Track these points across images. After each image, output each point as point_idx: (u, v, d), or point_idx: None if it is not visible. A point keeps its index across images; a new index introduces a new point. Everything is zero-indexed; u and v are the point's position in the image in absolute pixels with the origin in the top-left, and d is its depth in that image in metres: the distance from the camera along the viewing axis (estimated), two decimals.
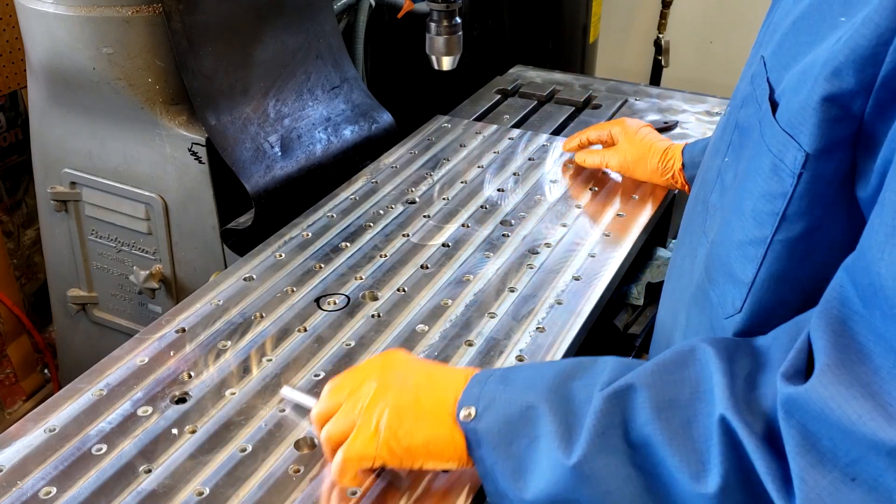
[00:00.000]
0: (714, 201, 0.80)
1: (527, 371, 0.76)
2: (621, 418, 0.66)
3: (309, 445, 0.85)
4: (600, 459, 0.66)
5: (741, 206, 0.71)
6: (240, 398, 0.91)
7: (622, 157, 1.37)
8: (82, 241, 1.50)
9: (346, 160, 1.54)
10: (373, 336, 1.02)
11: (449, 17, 1.33)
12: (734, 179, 0.75)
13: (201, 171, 1.34)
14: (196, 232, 1.39)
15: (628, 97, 1.78)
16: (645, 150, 1.34)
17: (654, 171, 1.33)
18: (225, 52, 1.34)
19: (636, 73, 3.22)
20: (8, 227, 1.93)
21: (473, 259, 1.18)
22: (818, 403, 0.56)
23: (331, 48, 1.56)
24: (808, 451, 0.57)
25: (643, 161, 1.34)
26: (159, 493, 0.79)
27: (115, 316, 1.55)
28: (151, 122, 1.34)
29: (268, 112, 1.42)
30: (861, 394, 0.54)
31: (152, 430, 0.87)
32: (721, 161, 0.79)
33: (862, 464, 0.54)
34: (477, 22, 2.22)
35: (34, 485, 0.80)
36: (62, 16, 1.28)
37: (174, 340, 1.00)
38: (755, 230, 0.68)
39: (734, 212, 0.72)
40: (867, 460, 0.54)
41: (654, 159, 1.33)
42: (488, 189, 1.38)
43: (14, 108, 1.87)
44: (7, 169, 1.89)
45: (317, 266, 1.16)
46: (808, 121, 0.61)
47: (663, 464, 0.64)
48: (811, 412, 0.56)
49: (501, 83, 1.87)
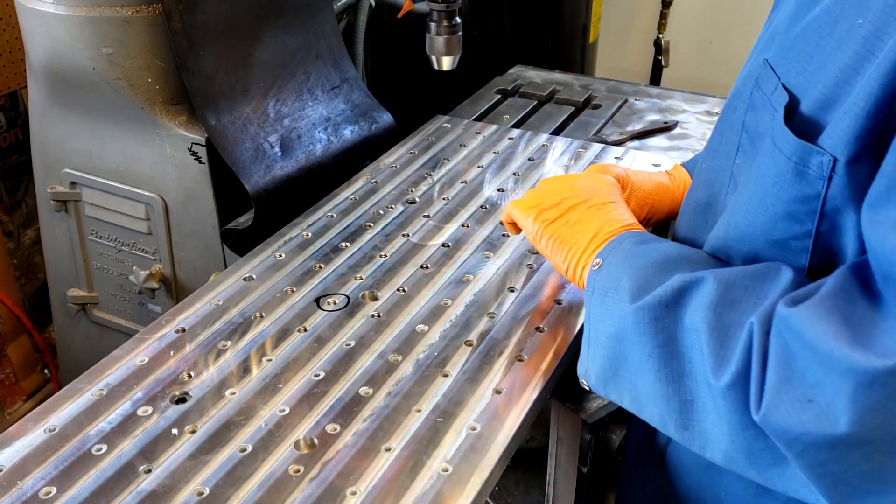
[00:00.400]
0: (724, 201, 0.81)
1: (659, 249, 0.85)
2: (685, 300, 0.73)
3: (309, 445, 0.85)
4: (651, 314, 0.75)
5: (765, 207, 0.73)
6: (240, 398, 0.91)
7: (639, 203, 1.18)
8: (82, 241, 1.50)
9: (346, 160, 1.54)
10: (373, 336, 1.02)
11: (449, 17, 1.33)
12: (747, 181, 0.76)
13: (201, 171, 1.34)
14: (196, 232, 1.39)
15: (628, 97, 1.78)
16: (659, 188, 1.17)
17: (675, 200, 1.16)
18: (225, 52, 1.34)
19: (636, 73, 3.22)
20: (8, 227, 1.93)
21: (473, 259, 1.18)
22: (801, 322, 0.61)
23: (331, 48, 1.56)
24: (782, 367, 0.62)
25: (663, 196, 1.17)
26: (159, 493, 0.79)
27: (115, 316, 1.55)
28: (151, 122, 1.34)
29: (268, 112, 1.42)
30: (839, 320, 0.59)
31: (152, 430, 0.86)
32: (732, 163, 0.80)
33: (821, 387, 0.59)
34: (477, 22, 2.22)
35: (34, 485, 0.80)
36: (62, 16, 1.28)
37: (174, 340, 1.00)
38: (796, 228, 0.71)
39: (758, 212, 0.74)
40: (826, 384, 0.58)
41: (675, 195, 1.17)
42: (488, 189, 1.38)
43: (14, 108, 1.87)
44: (7, 169, 1.89)
45: (317, 266, 1.16)
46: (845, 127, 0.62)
47: (696, 348, 0.71)
48: (793, 330, 0.62)
49: (501, 83, 1.87)
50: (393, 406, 0.90)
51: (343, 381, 0.94)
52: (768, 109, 0.71)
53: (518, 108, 1.74)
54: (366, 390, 0.92)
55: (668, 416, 0.76)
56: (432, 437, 0.86)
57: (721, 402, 0.69)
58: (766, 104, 0.72)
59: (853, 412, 0.57)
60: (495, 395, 0.91)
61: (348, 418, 0.88)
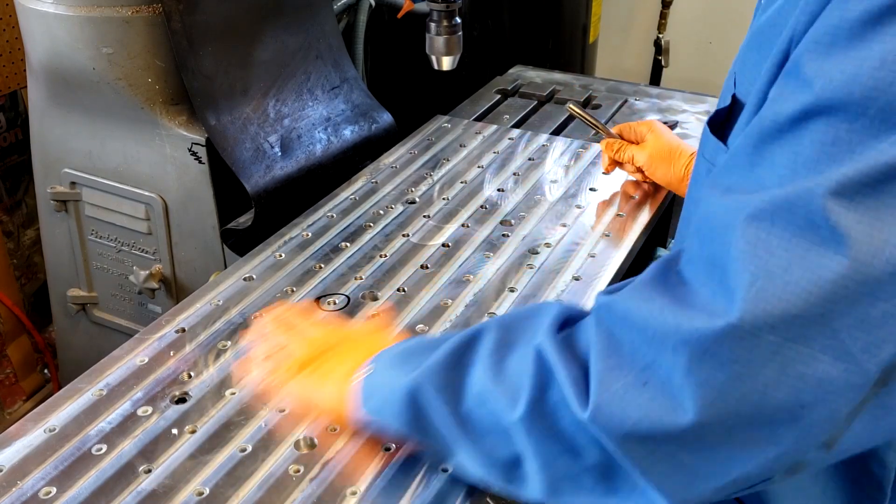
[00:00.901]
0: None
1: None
2: (466, 359, 0.71)
3: (309, 445, 0.85)
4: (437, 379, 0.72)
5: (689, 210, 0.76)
6: (240, 398, 0.91)
7: (648, 154, 1.31)
8: (82, 241, 1.50)
9: (346, 160, 1.54)
10: None
11: (449, 17, 1.33)
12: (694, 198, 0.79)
13: (201, 171, 1.34)
14: (196, 232, 1.39)
15: (628, 97, 1.78)
16: (672, 151, 1.29)
17: (677, 174, 1.28)
18: (225, 52, 1.34)
19: (636, 73, 3.22)
20: (8, 227, 1.93)
21: (473, 259, 1.18)
22: (625, 305, 0.59)
23: (331, 48, 1.56)
24: (609, 356, 0.59)
25: (667, 162, 1.29)
26: (159, 493, 0.79)
27: (115, 316, 1.55)
28: (151, 122, 1.34)
29: (268, 112, 1.42)
30: (662, 296, 0.57)
31: (152, 430, 0.86)
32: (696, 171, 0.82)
33: (654, 367, 0.56)
34: (477, 22, 2.22)
35: (34, 485, 0.80)
36: (62, 16, 1.28)
37: (174, 340, 1.00)
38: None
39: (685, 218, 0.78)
40: (659, 362, 0.55)
41: (679, 162, 1.28)
42: (488, 189, 1.38)
43: (14, 108, 1.87)
44: (7, 169, 1.89)
45: (317, 266, 1.16)
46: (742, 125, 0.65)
47: (488, 402, 0.68)
48: (618, 314, 0.60)
49: (501, 83, 1.87)
50: None
51: None
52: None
53: (518, 108, 1.74)
54: None
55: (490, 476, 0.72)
56: None
57: (525, 437, 0.65)
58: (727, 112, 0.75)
59: (692, 389, 0.54)
60: None
61: None
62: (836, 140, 0.50)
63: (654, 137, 1.32)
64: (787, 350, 0.51)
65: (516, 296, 1.09)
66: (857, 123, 0.50)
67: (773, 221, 0.52)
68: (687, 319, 0.54)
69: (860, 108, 0.50)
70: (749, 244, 0.52)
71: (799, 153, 0.52)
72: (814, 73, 0.52)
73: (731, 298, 0.52)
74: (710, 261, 0.56)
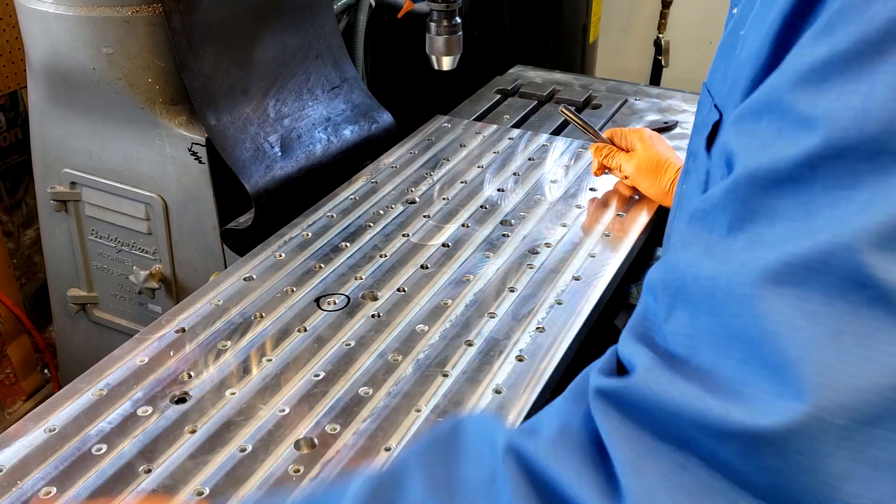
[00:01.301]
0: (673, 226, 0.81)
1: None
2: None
3: (309, 445, 0.85)
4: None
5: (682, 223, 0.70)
6: (240, 398, 0.91)
7: (635, 165, 1.31)
8: (82, 241, 1.50)
9: (346, 160, 1.54)
10: (373, 336, 1.02)
11: (449, 17, 1.33)
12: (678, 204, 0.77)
13: (201, 171, 1.34)
14: (196, 232, 1.39)
15: (628, 97, 1.78)
16: (660, 164, 1.29)
17: (662, 188, 1.28)
18: (225, 52, 1.34)
19: (636, 73, 3.22)
20: (8, 227, 1.93)
21: (473, 259, 1.18)
22: (640, 392, 0.49)
23: (331, 48, 1.56)
24: (632, 444, 0.49)
25: (653, 174, 1.29)
26: (159, 493, 0.79)
27: (115, 316, 1.55)
28: (151, 122, 1.34)
29: (268, 112, 1.42)
30: (683, 379, 0.48)
31: (152, 430, 0.86)
32: (680, 187, 0.81)
33: (691, 446, 0.47)
34: (477, 22, 2.22)
35: (34, 485, 0.80)
36: (62, 16, 1.28)
37: (174, 340, 1.00)
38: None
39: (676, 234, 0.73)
40: (697, 442, 0.47)
41: (665, 176, 1.27)
42: (488, 189, 1.38)
43: (14, 108, 1.87)
44: (7, 169, 1.89)
45: (317, 266, 1.16)
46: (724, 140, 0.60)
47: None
48: (632, 401, 0.50)
49: (501, 83, 1.87)
50: (393, 406, 0.90)
51: (343, 381, 0.94)
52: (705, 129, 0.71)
53: (518, 108, 1.74)
54: (366, 390, 0.92)
55: None
56: None
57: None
58: (703, 126, 0.72)
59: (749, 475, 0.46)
60: (495, 395, 0.92)
61: (348, 418, 0.88)
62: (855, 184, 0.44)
63: (644, 148, 1.32)
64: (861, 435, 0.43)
65: (516, 296, 1.09)
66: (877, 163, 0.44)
67: (805, 285, 0.44)
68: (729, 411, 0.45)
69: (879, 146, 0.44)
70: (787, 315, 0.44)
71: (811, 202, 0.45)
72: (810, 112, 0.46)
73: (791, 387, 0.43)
74: (731, 338, 0.46)
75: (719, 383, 0.46)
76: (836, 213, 0.44)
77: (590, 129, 1.41)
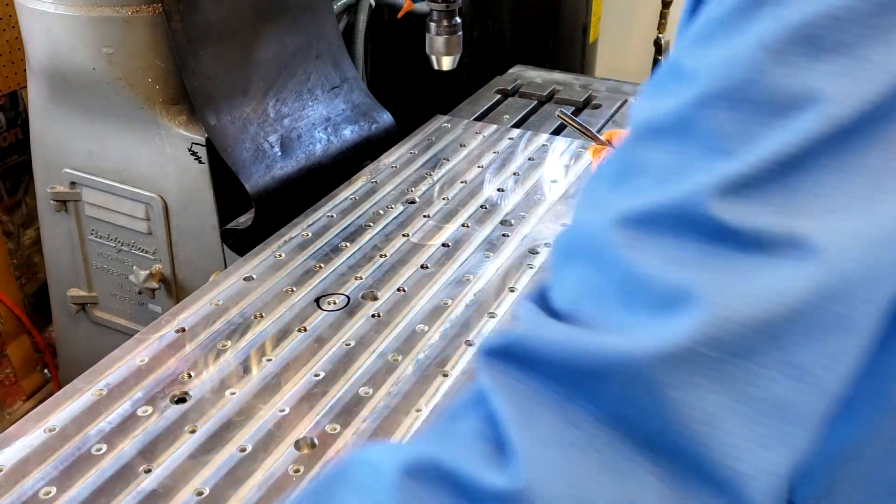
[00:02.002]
0: None
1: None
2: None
3: (309, 445, 0.85)
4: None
5: None
6: (240, 398, 0.91)
7: None
8: (82, 241, 1.50)
9: (346, 160, 1.54)
10: (373, 336, 1.02)
11: (449, 17, 1.33)
12: None
13: (201, 171, 1.34)
14: (196, 232, 1.39)
15: (628, 97, 1.78)
16: None
17: None
18: (225, 52, 1.34)
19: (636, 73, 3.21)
20: (8, 227, 1.93)
21: (473, 259, 1.18)
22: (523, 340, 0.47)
23: (331, 48, 1.56)
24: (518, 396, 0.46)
25: None
26: (159, 493, 0.79)
27: (115, 316, 1.54)
28: (151, 122, 1.34)
29: (268, 112, 1.42)
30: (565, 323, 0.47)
31: (152, 430, 0.86)
32: None
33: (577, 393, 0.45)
34: (477, 22, 2.22)
35: (34, 485, 0.79)
36: (62, 16, 1.28)
37: (174, 340, 1.00)
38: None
39: None
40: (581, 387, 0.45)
41: None
42: (488, 189, 1.38)
43: (14, 108, 1.87)
44: (7, 169, 1.89)
45: (317, 266, 1.16)
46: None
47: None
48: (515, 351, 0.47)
49: (501, 83, 1.87)
50: (393, 406, 0.90)
51: (343, 381, 0.94)
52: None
53: (518, 108, 1.74)
54: (366, 390, 0.92)
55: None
56: None
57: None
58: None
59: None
60: None
61: (348, 418, 0.88)
62: (720, 133, 0.44)
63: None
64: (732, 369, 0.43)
65: (516, 296, 1.09)
66: (738, 111, 0.44)
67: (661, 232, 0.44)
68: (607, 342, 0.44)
69: (743, 93, 0.44)
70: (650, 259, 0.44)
71: (682, 152, 0.46)
72: (692, 66, 0.46)
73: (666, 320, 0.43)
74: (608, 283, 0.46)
75: (600, 322, 0.46)
76: (699, 164, 0.44)
77: (588, 132, 1.41)
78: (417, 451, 0.47)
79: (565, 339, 0.45)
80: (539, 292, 0.50)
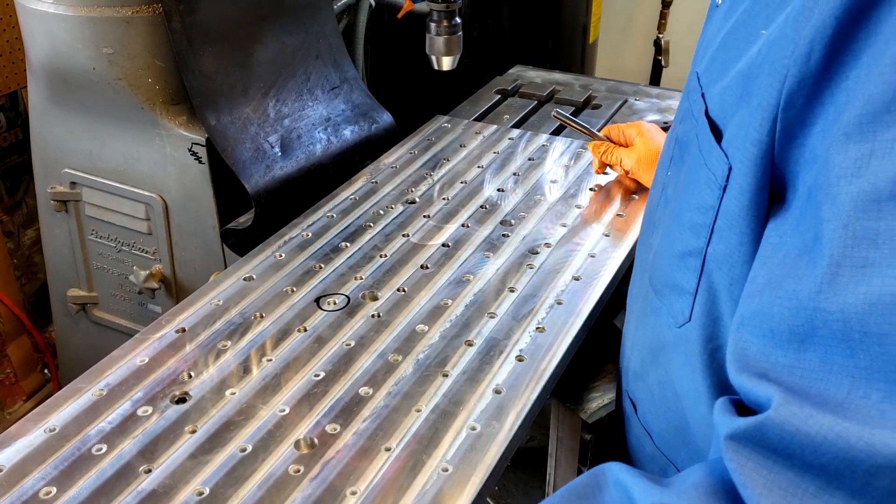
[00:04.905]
0: (659, 215, 0.80)
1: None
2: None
3: (309, 445, 0.85)
4: None
5: (680, 217, 0.70)
6: (240, 398, 0.91)
7: (636, 158, 1.33)
8: (82, 241, 1.50)
9: (346, 160, 1.54)
10: (373, 336, 1.02)
11: (449, 17, 1.33)
12: (674, 192, 0.75)
13: (201, 171, 1.34)
14: (196, 232, 1.39)
15: (628, 97, 1.78)
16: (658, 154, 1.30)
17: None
18: (225, 52, 1.35)
19: (636, 73, 3.22)
20: (8, 227, 1.93)
21: (473, 259, 1.18)
22: (778, 426, 0.47)
23: (331, 48, 1.56)
24: (774, 485, 0.47)
25: (654, 167, 1.29)
26: (159, 493, 0.79)
27: (115, 316, 1.55)
28: (151, 122, 1.34)
29: (268, 112, 1.42)
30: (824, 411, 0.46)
31: (152, 430, 0.87)
32: (665, 175, 0.80)
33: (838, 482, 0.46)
34: (477, 22, 2.22)
35: (34, 485, 0.80)
36: (62, 16, 1.28)
37: (174, 340, 1.00)
38: (693, 241, 0.67)
39: (674, 224, 0.72)
40: (844, 476, 0.45)
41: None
42: (488, 189, 1.38)
43: (14, 108, 1.87)
44: (7, 169, 1.89)
45: (317, 266, 1.16)
46: (743, 135, 0.58)
47: None
48: (770, 437, 0.48)
49: (501, 83, 1.87)
50: (393, 406, 0.90)
51: (343, 381, 0.94)
52: (693, 119, 0.70)
53: (518, 108, 1.74)
54: (366, 390, 0.92)
55: None
56: (432, 436, 0.86)
57: None
58: (691, 114, 0.71)
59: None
60: (495, 395, 0.92)
61: (348, 418, 0.88)
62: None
63: (643, 141, 1.34)
64: None
65: (516, 296, 1.09)
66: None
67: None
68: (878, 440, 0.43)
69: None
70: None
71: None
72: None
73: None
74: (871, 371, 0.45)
75: (864, 413, 0.44)
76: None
77: (585, 130, 1.42)
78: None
79: (829, 432, 0.44)
80: (765, 369, 0.49)
